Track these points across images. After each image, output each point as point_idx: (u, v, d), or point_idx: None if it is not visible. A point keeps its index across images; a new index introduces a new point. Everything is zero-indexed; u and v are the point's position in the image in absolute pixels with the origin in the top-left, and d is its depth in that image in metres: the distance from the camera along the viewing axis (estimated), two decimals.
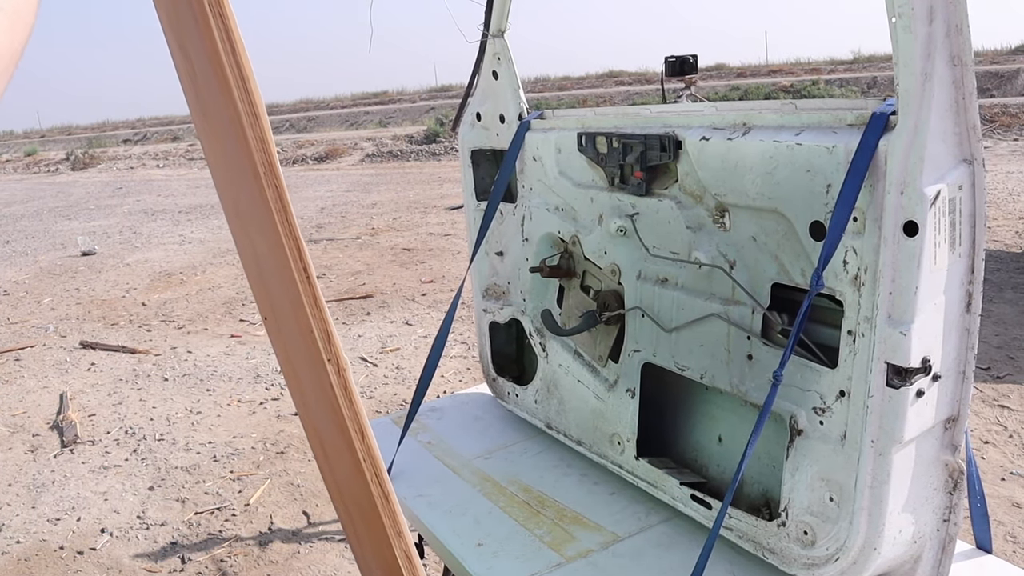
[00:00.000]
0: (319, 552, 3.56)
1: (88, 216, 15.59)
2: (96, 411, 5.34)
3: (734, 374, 1.68)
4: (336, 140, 25.29)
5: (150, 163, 26.84)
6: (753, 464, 1.77)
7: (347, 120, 32.80)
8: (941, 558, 1.51)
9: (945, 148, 1.25)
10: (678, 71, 2.30)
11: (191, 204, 16.34)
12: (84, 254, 11.18)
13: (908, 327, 1.29)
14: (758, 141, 1.53)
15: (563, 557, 1.77)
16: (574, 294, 2.22)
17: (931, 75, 1.21)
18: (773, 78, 25.49)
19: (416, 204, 13.68)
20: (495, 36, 2.22)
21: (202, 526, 3.82)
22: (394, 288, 8.03)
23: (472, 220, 2.43)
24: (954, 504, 1.46)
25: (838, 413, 1.45)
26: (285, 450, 4.57)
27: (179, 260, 10.37)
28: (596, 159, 1.95)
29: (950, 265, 1.30)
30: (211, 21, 0.80)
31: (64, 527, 3.87)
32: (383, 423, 2.54)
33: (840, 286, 1.41)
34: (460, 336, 6.16)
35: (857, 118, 1.38)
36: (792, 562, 1.56)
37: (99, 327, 7.38)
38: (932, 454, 1.42)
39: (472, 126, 2.38)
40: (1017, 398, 4.49)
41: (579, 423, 2.16)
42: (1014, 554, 3.15)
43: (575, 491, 2.05)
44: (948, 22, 1.20)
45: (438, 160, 20.72)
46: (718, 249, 1.68)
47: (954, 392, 1.39)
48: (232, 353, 6.37)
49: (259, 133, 0.85)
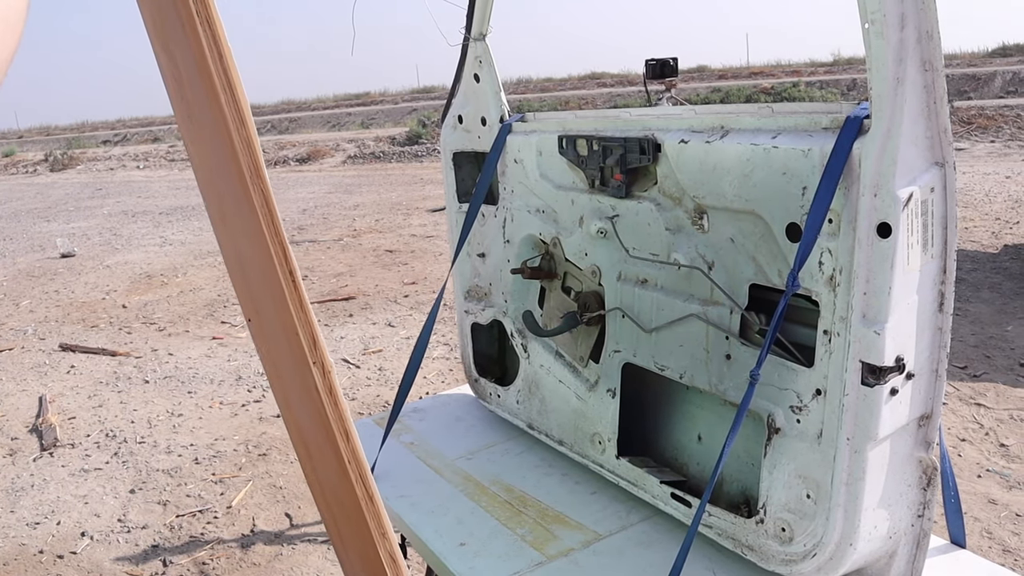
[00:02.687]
0: (302, 554, 3.56)
1: (67, 218, 15.45)
2: (76, 414, 5.30)
3: (713, 374, 1.71)
4: (318, 141, 25.20)
5: (130, 164, 26.61)
6: (732, 462, 1.79)
7: (329, 121, 32.69)
8: (916, 553, 1.53)
9: (917, 151, 1.28)
10: (659, 74, 2.33)
11: (172, 205, 16.23)
12: (63, 256, 11.07)
13: (882, 327, 1.31)
14: (736, 144, 1.55)
15: (545, 556, 1.79)
16: (555, 295, 2.24)
17: (903, 80, 1.24)
18: (754, 80, 25.66)
19: (398, 206, 13.66)
20: (477, 39, 2.23)
21: (184, 529, 3.80)
22: (376, 290, 8.02)
23: (454, 222, 2.44)
24: (928, 500, 1.49)
25: (814, 411, 1.48)
26: (267, 452, 4.56)
27: (160, 262, 10.30)
28: (577, 161, 1.97)
29: (923, 266, 1.33)
30: (198, 26, 0.81)
31: (44, 531, 3.84)
32: (366, 424, 2.55)
33: (816, 286, 1.43)
34: (442, 337, 6.17)
35: (832, 122, 1.41)
36: (770, 559, 1.58)
37: (79, 329, 7.32)
38: (906, 451, 1.45)
39: (454, 128, 2.39)
40: (993, 396, 4.55)
41: (560, 423, 2.18)
42: (990, 550, 3.20)
43: (557, 490, 2.07)
44: (919, 28, 1.23)
45: (420, 162, 20.69)
46: (697, 250, 1.70)
47: (927, 390, 1.42)
48: (214, 355, 6.34)
49: (245, 137, 0.86)
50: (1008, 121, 16.19)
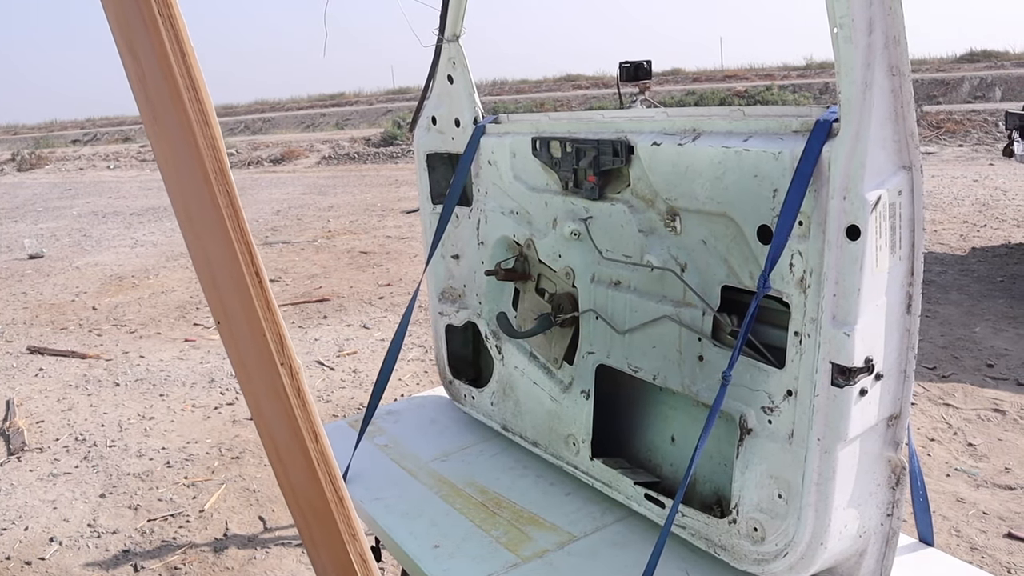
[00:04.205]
0: (275, 558, 3.53)
1: (36, 218, 15.21)
2: (45, 417, 5.21)
3: (686, 375, 1.71)
4: (292, 142, 25.03)
5: (100, 164, 26.28)
6: (705, 463, 1.80)
7: (303, 122, 32.49)
8: (885, 551, 1.55)
9: (885, 155, 1.30)
10: (632, 76, 2.33)
11: (143, 206, 16.04)
12: (31, 257, 10.90)
13: (852, 328, 1.33)
14: (707, 147, 1.56)
15: (519, 557, 1.79)
16: (529, 297, 2.24)
17: (871, 84, 1.25)
18: (728, 83, 25.86)
19: (373, 207, 13.61)
20: (450, 40, 2.23)
21: (155, 533, 3.76)
22: (351, 291, 7.98)
23: (428, 223, 2.43)
24: (897, 499, 1.51)
25: (785, 412, 1.49)
26: (240, 455, 4.51)
27: (131, 263, 10.18)
28: (550, 163, 1.97)
29: (891, 268, 1.34)
30: (160, 25, 0.80)
31: (11, 537, 3.78)
32: (339, 427, 2.53)
33: (786, 288, 1.45)
34: (417, 339, 6.15)
35: (802, 125, 1.42)
36: (743, 558, 1.59)
37: (47, 332, 7.21)
38: (876, 451, 1.46)
39: (427, 130, 2.38)
40: (961, 396, 4.62)
41: (535, 425, 2.18)
42: (958, 547, 3.24)
43: (531, 492, 2.07)
44: (887, 33, 1.24)
45: (395, 163, 20.62)
46: (669, 252, 1.71)
47: (896, 390, 1.43)
48: (186, 357, 6.27)
49: (209, 137, 0.85)
50: (976, 125, 16.45)
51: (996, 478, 3.75)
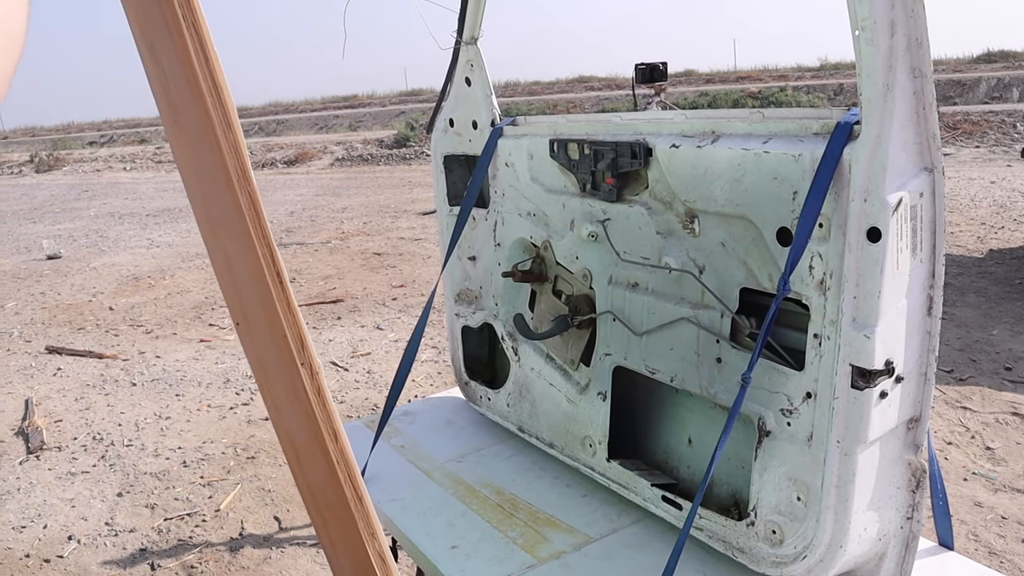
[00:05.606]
0: (291, 557, 3.54)
1: (53, 219, 15.34)
2: (63, 417, 5.26)
3: (703, 377, 1.71)
4: (306, 144, 25.13)
5: (117, 166, 26.47)
6: (722, 465, 1.80)
7: (317, 124, 32.61)
8: (905, 555, 1.54)
9: (906, 157, 1.29)
10: (648, 78, 2.32)
11: (159, 207, 16.15)
12: (49, 258, 10.99)
13: (872, 330, 1.32)
14: (727, 149, 1.55)
15: (536, 559, 1.78)
16: (546, 298, 2.24)
17: (893, 86, 1.24)
18: (741, 84, 25.76)
19: (386, 208, 13.64)
20: (468, 43, 2.23)
21: (172, 532, 3.78)
22: (365, 292, 8.00)
23: (444, 225, 2.44)
24: (917, 502, 1.50)
25: (805, 414, 1.48)
26: (256, 455, 4.53)
27: (147, 264, 10.25)
28: (568, 165, 1.97)
29: (912, 270, 1.34)
30: (184, 30, 0.80)
31: (30, 535, 3.81)
32: (355, 427, 2.54)
33: (806, 290, 1.44)
34: (430, 340, 6.15)
35: (822, 127, 1.41)
36: (761, 561, 1.59)
37: (65, 332, 7.27)
38: (895, 454, 1.45)
39: (445, 132, 2.39)
40: (979, 400, 4.58)
41: (551, 426, 2.18)
42: (976, 552, 3.22)
43: (547, 493, 2.07)
44: (909, 36, 1.24)
45: (408, 164, 20.67)
46: (688, 254, 1.71)
47: (916, 393, 1.42)
48: (201, 358, 6.31)
49: (232, 140, 0.85)
50: (993, 126, 16.32)
51: (1014, 482, 3.72)
